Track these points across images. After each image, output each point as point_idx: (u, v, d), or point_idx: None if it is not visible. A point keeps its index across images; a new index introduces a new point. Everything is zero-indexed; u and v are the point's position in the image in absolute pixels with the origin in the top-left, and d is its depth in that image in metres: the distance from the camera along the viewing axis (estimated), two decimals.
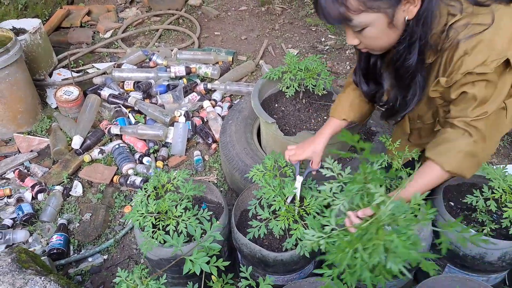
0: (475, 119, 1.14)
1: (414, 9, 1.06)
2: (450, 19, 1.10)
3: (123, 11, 4.18)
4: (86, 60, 3.41)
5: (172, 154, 2.54)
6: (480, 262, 1.44)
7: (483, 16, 1.07)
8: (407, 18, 1.08)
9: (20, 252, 1.64)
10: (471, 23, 1.08)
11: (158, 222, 1.48)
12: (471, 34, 1.06)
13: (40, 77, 3.05)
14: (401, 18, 1.08)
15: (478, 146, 1.16)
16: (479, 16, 1.08)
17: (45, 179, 2.34)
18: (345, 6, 1.03)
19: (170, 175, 1.60)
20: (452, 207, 1.58)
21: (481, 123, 1.15)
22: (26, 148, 2.56)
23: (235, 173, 2.05)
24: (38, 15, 3.69)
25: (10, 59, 2.41)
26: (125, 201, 2.28)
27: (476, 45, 1.06)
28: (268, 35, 3.80)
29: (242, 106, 2.33)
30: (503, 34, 1.06)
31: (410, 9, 1.06)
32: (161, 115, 2.62)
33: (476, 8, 1.10)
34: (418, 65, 1.17)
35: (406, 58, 1.15)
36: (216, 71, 3.10)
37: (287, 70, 2.04)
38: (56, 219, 2.17)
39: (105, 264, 2.01)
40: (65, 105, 2.71)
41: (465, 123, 1.16)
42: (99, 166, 2.43)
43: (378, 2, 1.02)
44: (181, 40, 3.73)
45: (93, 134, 2.59)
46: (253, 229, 1.51)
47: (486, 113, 1.13)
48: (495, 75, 1.09)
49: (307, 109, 2.11)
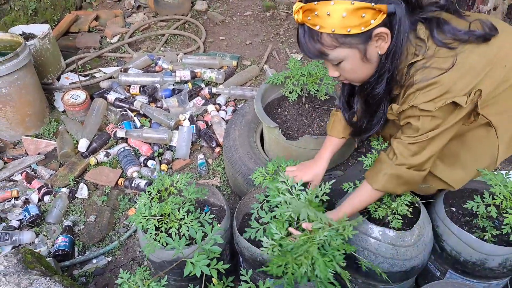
0: (411, 142, 1.25)
1: (385, 45, 1.15)
2: (414, 58, 1.19)
3: (130, 16, 4.23)
4: (93, 64, 3.46)
5: (177, 158, 2.57)
6: (481, 268, 1.44)
7: (443, 60, 1.15)
8: (380, 53, 1.17)
9: (26, 253, 1.67)
10: (429, 66, 1.16)
11: (161, 224, 1.50)
12: (425, 77, 1.16)
13: (48, 81, 3.10)
14: (375, 53, 1.18)
15: (400, 169, 1.29)
16: (439, 60, 1.16)
17: (52, 181, 2.38)
18: (321, 42, 1.15)
19: (174, 179, 1.62)
20: (454, 212, 1.59)
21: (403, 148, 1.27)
22: (34, 150, 2.61)
23: (238, 176, 2.07)
24: (47, 20, 3.76)
25: (19, 63, 2.45)
26: (130, 204, 2.31)
27: (427, 86, 1.16)
28: (273, 40, 3.83)
29: (245, 110, 2.36)
30: (461, 76, 1.15)
31: (381, 45, 1.15)
32: (166, 118, 2.65)
33: (438, 50, 1.17)
34: (384, 95, 1.28)
35: (375, 88, 1.26)
36: (220, 76, 3.12)
37: (290, 75, 2.06)
38: (61, 221, 2.20)
39: (109, 266, 2.04)
40: (72, 108, 2.75)
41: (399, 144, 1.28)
42: (104, 169, 2.46)
43: (349, 39, 1.12)
44: (186, 44, 3.77)
45: (99, 137, 2.63)
46: (251, 230, 1.52)
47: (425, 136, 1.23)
48: (441, 112, 1.18)
49: (310, 114, 2.12)
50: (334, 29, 1.09)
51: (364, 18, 1.07)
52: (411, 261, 1.44)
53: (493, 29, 1.21)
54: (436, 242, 1.56)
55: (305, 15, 1.13)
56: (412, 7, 1.17)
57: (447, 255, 1.52)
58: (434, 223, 1.56)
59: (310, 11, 1.11)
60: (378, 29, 1.11)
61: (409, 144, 1.26)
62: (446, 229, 1.50)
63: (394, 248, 1.43)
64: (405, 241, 1.43)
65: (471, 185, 1.62)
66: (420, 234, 1.45)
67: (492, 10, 3.06)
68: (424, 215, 1.49)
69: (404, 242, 1.42)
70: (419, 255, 1.45)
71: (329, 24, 1.09)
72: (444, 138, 1.27)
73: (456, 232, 1.46)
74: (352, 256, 1.49)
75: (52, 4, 3.83)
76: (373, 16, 1.08)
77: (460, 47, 1.17)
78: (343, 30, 1.09)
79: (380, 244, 1.44)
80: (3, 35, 2.68)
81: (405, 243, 1.42)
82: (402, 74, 1.23)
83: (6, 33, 2.69)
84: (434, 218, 1.56)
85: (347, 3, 1.05)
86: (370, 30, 1.10)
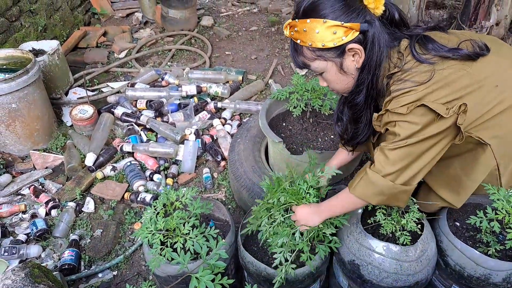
0: (390, 148, 1.25)
1: (359, 59, 1.25)
2: (392, 70, 1.26)
3: (137, 31, 4.31)
4: (101, 79, 3.52)
5: (182, 172, 2.59)
6: (485, 283, 1.44)
7: (420, 74, 1.21)
8: (356, 66, 1.27)
9: (33, 267, 1.68)
10: (405, 78, 1.22)
11: (166, 239, 1.51)
12: (401, 88, 1.22)
13: (56, 95, 3.15)
14: (352, 66, 1.28)
15: (374, 176, 1.29)
16: (415, 74, 1.21)
17: (59, 195, 2.41)
18: (303, 55, 1.29)
19: (179, 193, 1.64)
20: (458, 227, 1.59)
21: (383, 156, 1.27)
22: (42, 165, 2.64)
23: (243, 190, 2.09)
24: (56, 36, 3.84)
25: (29, 79, 2.51)
26: (136, 218, 2.33)
27: (402, 94, 1.21)
28: (278, 55, 3.88)
29: (250, 125, 2.38)
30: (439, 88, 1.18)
31: (357, 60, 1.26)
32: (172, 133, 2.69)
33: (417, 64, 1.22)
34: (365, 104, 1.36)
35: (355, 98, 1.36)
36: (226, 90, 3.16)
37: (294, 90, 2.09)
38: (68, 234, 2.22)
39: (115, 280, 2.05)
40: (79, 123, 2.79)
41: (377, 151, 1.30)
42: (111, 183, 2.49)
43: (324, 52, 1.25)
44: (193, 59, 3.83)
45: (106, 151, 2.66)
46: (250, 226, 1.54)
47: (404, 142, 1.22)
48: (418, 118, 1.19)
49: (314, 128, 2.14)
50: (311, 43, 1.23)
51: (336, 34, 1.19)
52: (415, 276, 1.44)
53: (484, 49, 1.26)
54: (440, 257, 1.56)
55: (290, 30, 1.28)
56: (396, 25, 1.28)
57: (451, 270, 1.52)
58: (438, 238, 1.56)
59: (292, 27, 1.26)
60: (350, 45, 1.22)
61: (388, 151, 1.26)
62: (450, 244, 1.50)
63: (398, 263, 1.43)
64: (408, 256, 1.43)
65: (474, 200, 1.62)
66: (424, 249, 1.45)
67: (494, 26, 3.08)
68: (427, 230, 1.50)
69: (407, 257, 1.43)
70: (423, 270, 1.46)
71: (306, 38, 1.23)
72: (429, 153, 1.25)
73: (459, 247, 1.46)
74: (357, 271, 1.50)
75: (61, 21, 3.92)
76: (345, 33, 1.19)
77: (440, 62, 1.22)
78: (318, 44, 1.22)
79: (384, 259, 1.44)
80: (14, 51, 2.75)
81: (409, 258, 1.43)
82: (382, 85, 1.30)
83: (17, 49, 2.76)
84: (437, 233, 1.57)
85: (319, 21, 1.19)
86: (343, 45, 1.22)
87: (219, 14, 4.69)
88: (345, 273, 1.61)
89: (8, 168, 2.63)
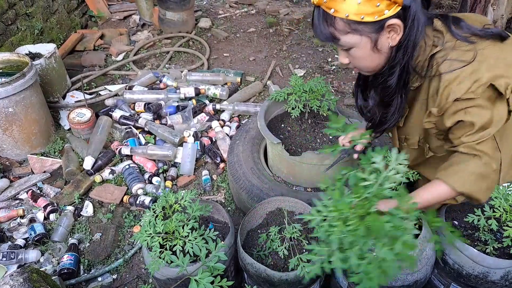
0: (478, 142, 1.17)
1: (397, 37, 1.16)
2: (433, 50, 1.19)
3: (135, 34, 4.31)
4: (98, 82, 3.51)
5: (181, 174, 2.59)
6: (484, 281, 1.44)
7: (464, 53, 1.15)
8: (391, 44, 1.17)
9: (32, 272, 1.68)
10: (451, 58, 1.15)
11: (166, 242, 1.51)
12: (452, 69, 1.14)
13: (54, 99, 3.15)
14: (386, 44, 1.18)
15: (488, 167, 1.19)
16: (460, 52, 1.15)
17: (57, 200, 2.40)
18: (333, 26, 1.15)
19: (178, 196, 1.64)
20: (456, 225, 1.59)
21: (486, 146, 1.18)
22: (39, 169, 2.64)
23: (242, 192, 2.09)
24: (53, 39, 3.83)
25: (26, 83, 2.50)
26: (135, 221, 2.32)
27: (457, 76, 1.13)
28: (276, 56, 3.88)
29: (249, 126, 2.38)
30: (485, 68, 1.12)
31: (393, 37, 1.16)
32: (170, 135, 2.68)
33: (458, 43, 1.17)
34: (397, 87, 1.26)
35: (387, 80, 1.25)
36: (224, 92, 3.17)
37: (292, 91, 2.09)
38: (67, 239, 2.22)
39: (114, 283, 2.05)
40: (77, 126, 2.79)
41: (470, 148, 1.19)
42: (109, 186, 2.49)
43: (361, 26, 1.13)
44: (191, 61, 3.83)
45: (104, 154, 2.66)
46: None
47: (488, 135, 1.16)
48: (486, 101, 1.13)
49: (313, 129, 2.14)
50: (348, 15, 1.10)
51: (378, 7, 1.09)
52: (413, 275, 1.45)
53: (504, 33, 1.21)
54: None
55: None
56: (428, 5, 1.20)
57: (450, 269, 1.52)
58: None
59: None
60: (391, 20, 1.12)
61: (477, 145, 1.17)
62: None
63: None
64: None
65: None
66: (422, 248, 1.46)
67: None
68: (426, 229, 1.50)
69: None
70: (422, 269, 1.46)
71: (343, 9, 1.10)
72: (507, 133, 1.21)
73: (458, 245, 1.47)
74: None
75: (58, 24, 3.92)
76: (387, 6, 1.09)
77: (480, 42, 1.17)
78: (356, 17, 1.10)
79: None
80: (10, 55, 2.74)
81: None
82: (423, 66, 1.22)
83: (13, 53, 2.76)
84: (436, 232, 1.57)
85: None
86: (383, 20, 1.11)
87: (217, 16, 4.69)
88: (345, 273, 1.61)
89: (6, 172, 2.62)
